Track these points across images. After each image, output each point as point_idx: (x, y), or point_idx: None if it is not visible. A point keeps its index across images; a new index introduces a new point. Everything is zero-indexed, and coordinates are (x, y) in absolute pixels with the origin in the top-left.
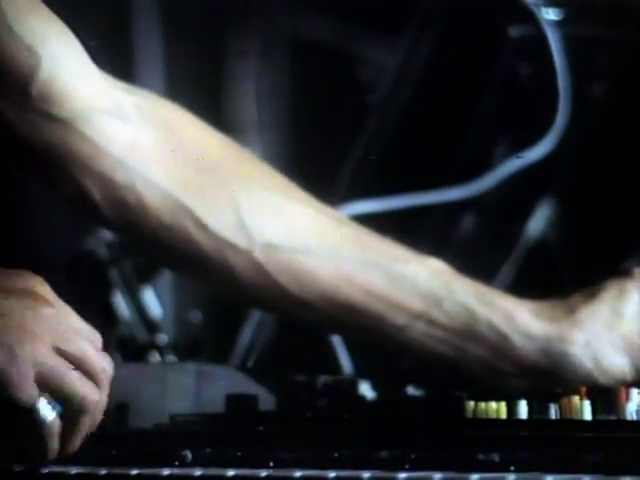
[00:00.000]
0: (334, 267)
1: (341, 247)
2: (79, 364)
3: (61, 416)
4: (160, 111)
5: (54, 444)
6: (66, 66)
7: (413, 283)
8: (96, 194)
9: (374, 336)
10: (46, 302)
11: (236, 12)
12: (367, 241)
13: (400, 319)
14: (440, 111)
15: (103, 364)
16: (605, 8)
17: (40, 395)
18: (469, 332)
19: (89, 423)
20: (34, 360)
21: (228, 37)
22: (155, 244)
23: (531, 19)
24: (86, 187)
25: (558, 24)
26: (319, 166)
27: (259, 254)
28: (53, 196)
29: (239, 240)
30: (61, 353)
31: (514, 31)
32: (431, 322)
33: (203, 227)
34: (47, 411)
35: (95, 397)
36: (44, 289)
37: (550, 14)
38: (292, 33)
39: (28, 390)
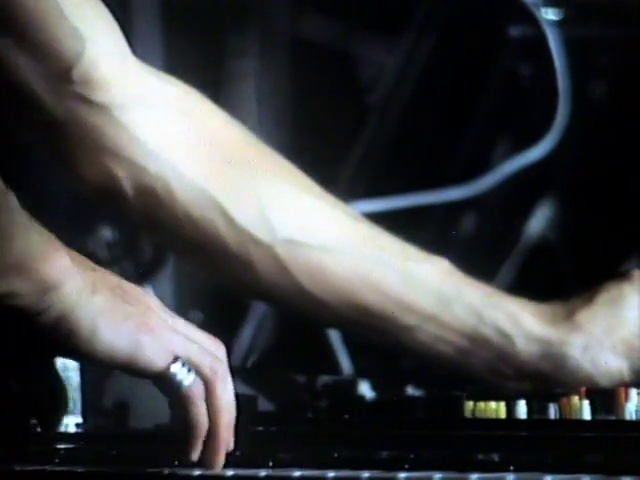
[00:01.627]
0: (350, 265)
1: (358, 245)
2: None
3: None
4: (192, 102)
5: (199, 414)
6: (109, 52)
7: (424, 284)
8: (126, 182)
9: (384, 336)
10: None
11: (236, 12)
12: (381, 239)
13: (411, 320)
14: (440, 111)
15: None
16: (605, 8)
17: (174, 360)
18: (475, 334)
19: (229, 398)
20: (162, 331)
21: (228, 37)
22: (178, 234)
23: (531, 19)
24: (116, 174)
25: (558, 24)
26: (319, 166)
27: (280, 249)
28: (78, 184)
29: (262, 234)
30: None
31: (514, 31)
32: (440, 324)
33: (229, 219)
34: (183, 374)
35: (224, 366)
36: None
37: (550, 14)
38: (292, 33)
39: (162, 354)
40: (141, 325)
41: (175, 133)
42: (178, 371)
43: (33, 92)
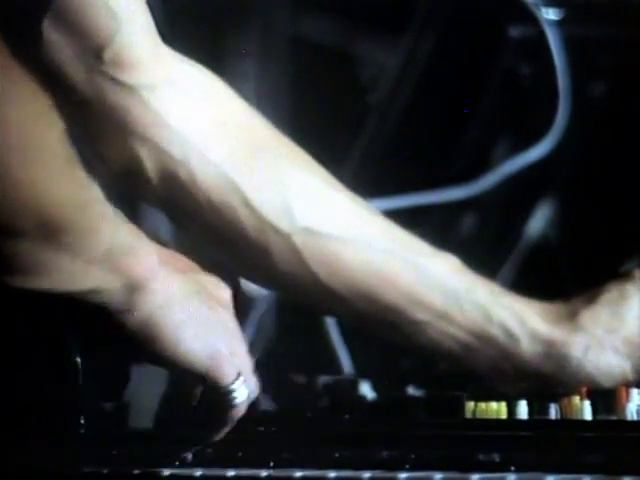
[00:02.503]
0: (366, 258)
1: (374, 238)
2: None
3: None
4: (218, 89)
5: (229, 428)
6: (141, 35)
7: (436, 280)
8: (149, 165)
9: (393, 331)
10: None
11: (236, 12)
12: (396, 234)
13: (422, 316)
14: (440, 111)
15: None
16: (605, 8)
17: (238, 376)
18: (482, 332)
19: None
20: (236, 342)
21: (228, 37)
22: (198, 220)
23: (531, 19)
24: (141, 157)
25: (558, 24)
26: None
27: (297, 238)
28: (103, 165)
29: (282, 223)
30: None
31: (514, 31)
32: (450, 320)
33: (250, 207)
34: (240, 391)
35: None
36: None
37: (550, 14)
38: (292, 33)
39: (233, 368)
40: (222, 336)
41: (201, 118)
42: (238, 387)
43: (64, 70)
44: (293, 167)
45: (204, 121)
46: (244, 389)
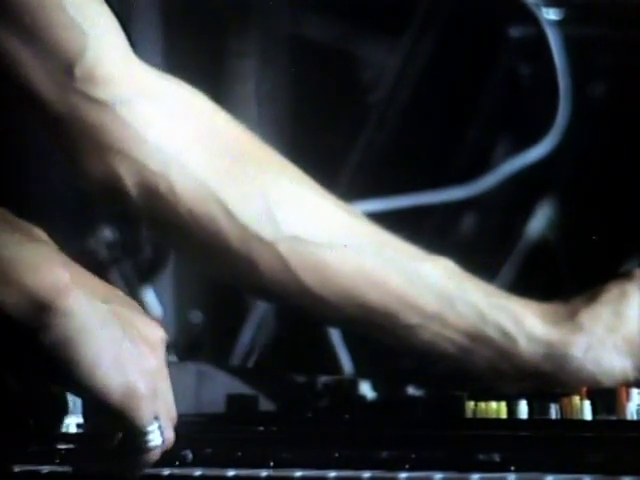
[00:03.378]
0: (355, 263)
1: (361, 243)
2: None
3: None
4: (193, 100)
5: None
6: (111, 50)
7: (428, 282)
8: (128, 180)
9: (385, 334)
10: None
11: (236, 12)
12: (385, 238)
13: (414, 318)
14: (440, 111)
15: None
16: (605, 8)
17: (154, 421)
18: (478, 333)
19: None
20: (157, 383)
21: (228, 37)
22: (181, 232)
23: (531, 19)
24: (119, 172)
25: (558, 24)
26: (319, 166)
27: (283, 247)
28: (84, 182)
29: (265, 232)
30: None
31: (514, 31)
32: (443, 322)
33: (232, 217)
34: (157, 437)
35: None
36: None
37: (550, 14)
38: (292, 33)
39: (150, 409)
40: (142, 374)
41: (179, 130)
42: (152, 431)
43: (36, 89)
44: (275, 175)
45: (182, 133)
46: (159, 435)
